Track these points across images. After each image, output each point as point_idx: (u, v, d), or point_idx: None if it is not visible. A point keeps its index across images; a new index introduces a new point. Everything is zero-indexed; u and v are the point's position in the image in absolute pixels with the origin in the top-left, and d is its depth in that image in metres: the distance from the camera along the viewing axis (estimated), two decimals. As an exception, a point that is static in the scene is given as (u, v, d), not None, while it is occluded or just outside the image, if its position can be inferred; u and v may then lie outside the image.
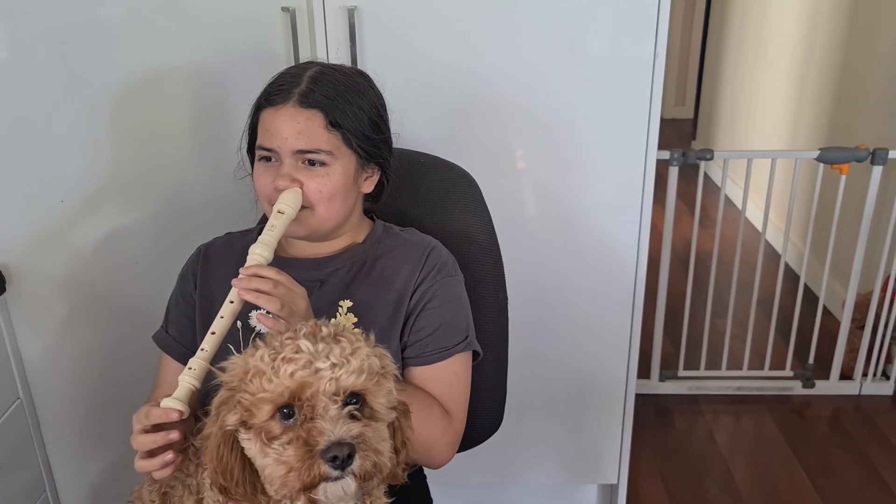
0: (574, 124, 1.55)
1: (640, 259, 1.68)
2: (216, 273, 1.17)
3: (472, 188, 1.32)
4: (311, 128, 1.05)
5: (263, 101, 1.09)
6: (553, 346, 1.77)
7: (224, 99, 1.46)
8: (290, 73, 1.10)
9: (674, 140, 5.20)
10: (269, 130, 1.07)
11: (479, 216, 1.31)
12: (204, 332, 1.12)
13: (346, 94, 1.08)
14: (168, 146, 1.47)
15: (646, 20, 1.46)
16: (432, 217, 1.28)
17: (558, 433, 1.88)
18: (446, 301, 1.13)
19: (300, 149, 1.05)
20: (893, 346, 2.46)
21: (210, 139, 1.49)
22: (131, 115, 1.42)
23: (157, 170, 1.47)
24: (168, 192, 1.49)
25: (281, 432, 0.78)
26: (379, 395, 0.81)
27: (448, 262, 1.16)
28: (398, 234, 1.19)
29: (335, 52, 1.46)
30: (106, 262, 1.46)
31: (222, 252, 1.19)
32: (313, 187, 1.07)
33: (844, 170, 2.21)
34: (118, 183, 1.44)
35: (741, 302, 2.46)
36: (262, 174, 1.09)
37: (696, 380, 2.48)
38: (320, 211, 1.08)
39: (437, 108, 1.53)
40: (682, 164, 2.16)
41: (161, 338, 1.20)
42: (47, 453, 1.46)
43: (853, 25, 2.85)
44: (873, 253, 2.40)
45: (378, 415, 0.81)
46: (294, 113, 1.05)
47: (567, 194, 1.62)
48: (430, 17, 1.45)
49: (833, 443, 2.26)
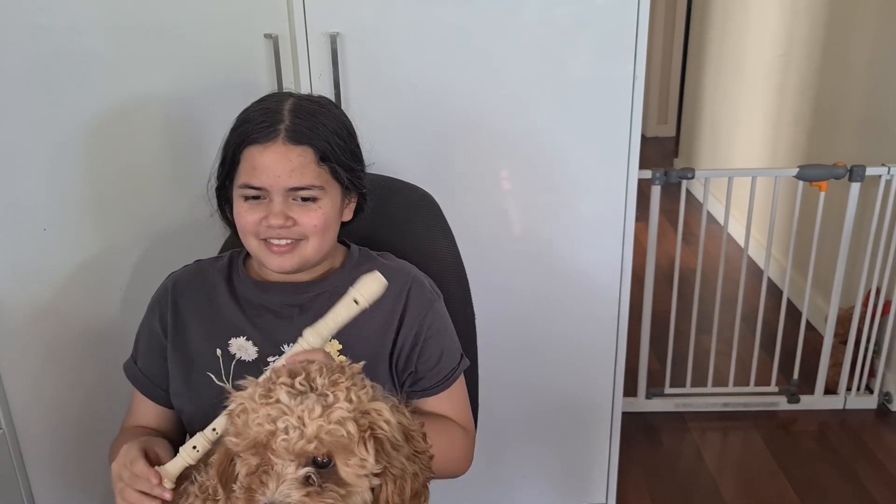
0: (556, 146, 1.57)
1: (624, 278, 1.69)
2: (188, 302, 1.16)
3: (433, 208, 1.34)
4: (303, 164, 1.05)
5: (245, 139, 1.06)
6: (539, 366, 1.77)
7: (207, 126, 1.47)
8: (268, 108, 1.08)
9: (657, 158, 5.25)
10: (258, 168, 1.05)
11: (444, 235, 1.33)
12: (177, 362, 1.11)
13: (329, 127, 1.08)
14: (150, 174, 1.47)
15: (625, 42, 1.49)
16: (398, 238, 1.30)
17: (546, 454, 1.88)
18: (441, 328, 1.16)
19: (293, 186, 1.05)
20: (876, 360, 2.48)
21: (192, 166, 1.49)
22: (113, 144, 1.43)
23: (139, 198, 1.47)
24: (151, 220, 1.49)
25: (246, 473, 0.78)
26: (346, 462, 0.78)
27: (429, 287, 1.18)
28: (376, 258, 1.20)
29: (318, 77, 1.47)
30: (89, 291, 1.45)
31: (193, 282, 1.18)
32: (307, 222, 1.07)
33: (823, 187, 2.24)
34: (100, 211, 1.44)
35: (726, 318, 2.48)
36: (249, 212, 1.07)
37: (683, 397, 2.49)
38: (314, 244, 1.09)
39: (420, 132, 1.55)
40: (664, 182, 2.19)
41: (129, 368, 1.19)
42: (31, 485, 1.44)
43: (829, 45, 2.90)
44: (854, 268, 2.43)
45: (344, 482, 0.78)
46: (285, 150, 1.04)
47: (550, 215, 1.64)
48: (413, 43, 1.47)
49: (819, 458, 2.27)
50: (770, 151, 3.47)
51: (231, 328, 1.12)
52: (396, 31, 1.46)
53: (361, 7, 1.44)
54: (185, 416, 1.16)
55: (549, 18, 1.47)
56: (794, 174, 2.22)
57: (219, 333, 1.12)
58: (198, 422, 1.11)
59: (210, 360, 1.11)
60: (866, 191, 2.28)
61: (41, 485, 1.45)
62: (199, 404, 1.11)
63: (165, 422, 1.19)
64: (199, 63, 1.43)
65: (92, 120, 1.40)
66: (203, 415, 1.09)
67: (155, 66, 1.42)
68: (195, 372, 1.12)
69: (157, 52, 1.41)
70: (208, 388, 1.11)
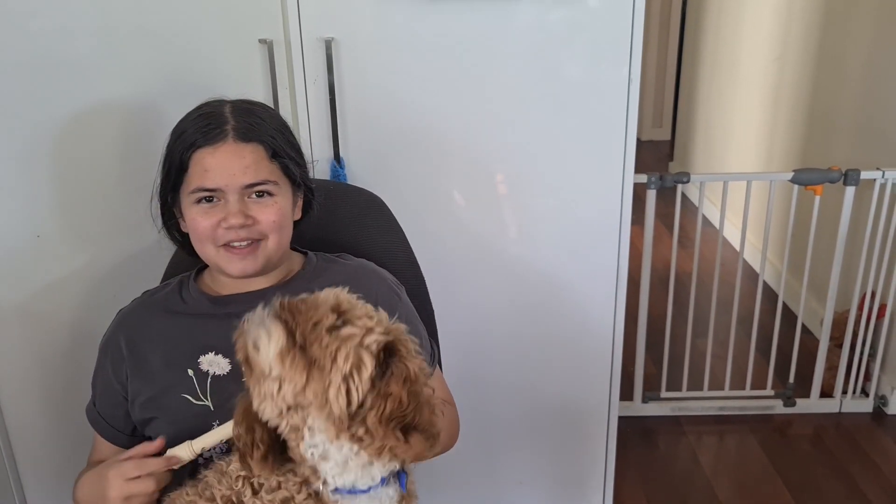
0: (551, 150, 1.57)
1: (620, 282, 1.69)
2: (142, 334, 1.13)
3: (383, 210, 1.35)
4: (256, 161, 1.05)
5: (192, 144, 1.05)
6: (535, 370, 1.77)
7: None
8: (209, 113, 1.08)
9: (652, 161, 5.26)
10: (209, 171, 1.04)
11: (396, 235, 1.35)
12: (145, 395, 1.11)
13: (272, 124, 1.09)
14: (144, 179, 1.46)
15: (620, 46, 1.49)
16: (351, 241, 1.31)
17: (542, 458, 1.88)
18: (409, 321, 1.14)
19: (249, 183, 1.05)
20: (871, 363, 2.49)
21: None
22: (106, 149, 1.42)
23: (132, 203, 1.46)
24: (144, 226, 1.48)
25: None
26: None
27: (391, 280, 1.19)
28: (335, 259, 1.20)
29: (313, 82, 1.47)
30: (82, 296, 1.45)
31: (143, 314, 1.16)
32: (265, 218, 1.07)
33: (818, 191, 2.25)
34: (93, 217, 1.43)
35: (721, 321, 2.48)
36: (204, 216, 1.06)
37: (679, 401, 2.49)
38: (273, 241, 1.09)
39: (416, 136, 1.54)
40: (659, 187, 2.19)
41: (90, 412, 1.18)
42: (24, 490, 1.44)
43: (823, 49, 2.91)
44: (849, 271, 2.43)
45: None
46: (236, 149, 1.04)
47: (546, 219, 1.64)
48: (408, 47, 1.47)
49: (816, 461, 2.27)
50: (765, 155, 3.48)
51: (197, 347, 1.10)
52: (391, 36, 1.46)
53: (356, 13, 1.44)
54: (170, 446, 1.15)
55: (544, 23, 1.47)
56: (789, 178, 2.22)
57: (183, 356, 1.10)
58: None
59: (180, 382, 1.09)
60: (861, 195, 2.29)
61: (34, 489, 1.45)
62: (181, 427, 1.08)
63: None
64: (194, 68, 1.43)
65: (85, 125, 1.39)
66: (185, 436, 1.08)
67: (149, 71, 1.41)
68: (167, 398, 1.10)
69: (150, 57, 1.41)
70: (186, 411, 1.09)
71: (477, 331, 1.69)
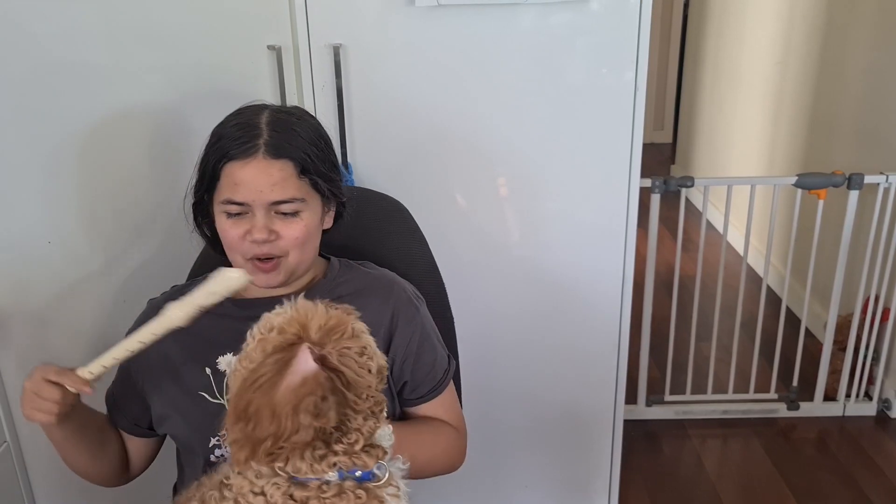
0: (557, 154, 1.58)
1: (626, 287, 1.70)
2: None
3: (405, 216, 1.35)
4: (284, 178, 1.05)
5: (224, 155, 1.06)
6: (540, 374, 1.78)
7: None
8: (246, 123, 1.08)
9: (653, 164, 5.26)
10: (239, 184, 1.05)
11: (417, 242, 1.35)
12: (165, 384, 1.12)
13: (306, 138, 1.09)
14: (151, 186, 1.47)
15: (625, 51, 1.50)
16: (373, 247, 1.31)
17: (547, 462, 1.88)
18: (427, 335, 1.17)
19: (275, 200, 1.06)
20: (875, 367, 2.49)
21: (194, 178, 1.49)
22: (114, 155, 1.43)
23: (140, 209, 1.47)
24: (152, 232, 1.49)
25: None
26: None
27: (412, 293, 1.19)
28: (357, 267, 1.21)
29: (321, 88, 1.47)
30: (92, 303, 1.45)
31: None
32: (289, 234, 1.07)
33: (822, 195, 2.25)
34: (101, 222, 1.44)
35: (725, 325, 2.48)
36: (232, 227, 1.08)
37: (683, 404, 2.50)
38: (294, 256, 1.10)
39: (424, 142, 1.55)
40: (663, 191, 2.19)
41: (108, 398, 1.20)
42: (34, 497, 1.44)
43: (825, 53, 2.92)
44: (853, 275, 2.44)
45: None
46: (265, 165, 1.05)
47: (551, 225, 1.64)
48: (414, 53, 1.48)
49: (819, 465, 2.28)
50: (767, 158, 3.49)
51: (216, 347, 1.12)
52: (398, 42, 1.47)
53: (364, 19, 1.45)
54: (183, 443, 1.16)
55: (548, 27, 1.47)
56: (793, 182, 2.23)
57: (203, 354, 1.12)
58: (197, 442, 1.12)
59: (198, 379, 1.11)
60: (864, 198, 2.29)
61: (45, 497, 1.45)
62: (195, 426, 1.11)
63: (133, 448, 1.20)
64: (203, 74, 1.44)
65: (92, 132, 1.40)
66: (199, 434, 1.09)
67: (157, 77, 1.42)
68: (185, 393, 1.12)
69: (159, 63, 1.42)
70: (202, 408, 1.10)
71: (482, 334, 1.70)
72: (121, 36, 1.38)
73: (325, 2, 1.42)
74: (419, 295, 1.21)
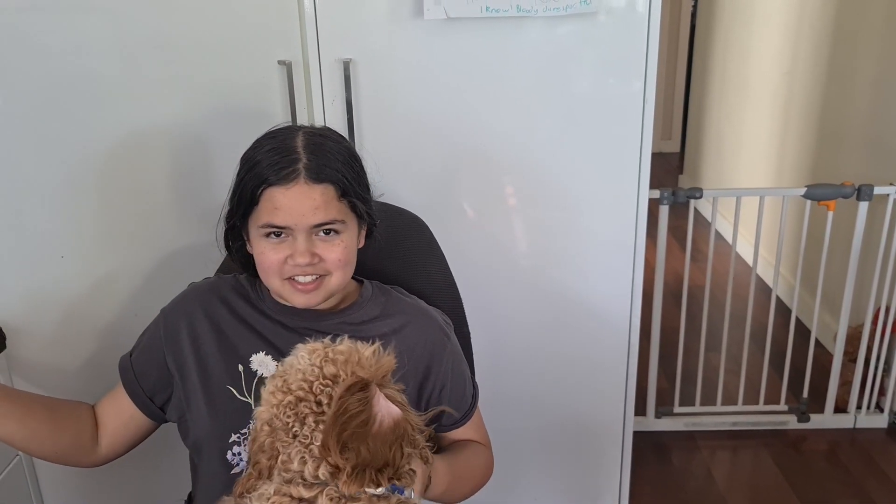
0: (565, 166, 1.59)
1: (635, 298, 1.70)
2: (207, 314, 1.15)
3: (423, 231, 1.35)
4: (326, 202, 1.06)
5: (265, 181, 1.06)
6: (549, 385, 1.78)
7: (220, 152, 1.48)
8: (281, 147, 1.08)
9: (661, 174, 5.26)
10: (280, 209, 1.05)
11: (435, 257, 1.35)
12: (196, 373, 1.12)
13: (341, 160, 1.09)
14: (162, 200, 1.49)
15: (634, 60, 1.50)
16: (391, 262, 1.31)
17: (557, 474, 1.88)
18: (460, 362, 1.20)
19: (318, 223, 1.07)
20: (886, 378, 2.48)
21: (205, 192, 1.50)
22: (125, 170, 1.44)
23: (151, 224, 1.48)
24: (163, 246, 1.50)
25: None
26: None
27: (442, 323, 1.21)
28: (390, 291, 1.22)
29: (331, 103, 1.49)
30: (105, 317, 1.46)
31: (211, 296, 1.18)
32: (332, 257, 1.09)
33: (831, 206, 2.25)
34: (113, 237, 1.45)
35: (734, 336, 2.48)
36: (272, 251, 1.08)
37: (692, 416, 2.49)
38: (337, 277, 1.11)
39: (433, 155, 1.56)
40: (672, 202, 2.19)
41: (123, 361, 1.17)
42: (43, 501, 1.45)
43: (833, 63, 2.92)
44: (863, 286, 2.43)
45: None
46: (307, 189, 1.05)
47: (560, 236, 1.65)
48: (423, 66, 1.49)
49: (830, 477, 2.26)
50: (775, 169, 3.48)
51: (252, 344, 1.13)
52: (407, 56, 1.48)
53: (373, 33, 1.46)
54: (200, 435, 1.14)
55: (556, 39, 1.48)
56: (802, 193, 2.23)
57: (237, 349, 1.13)
58: (215, 435, 1.12)
59: (227, 374, 1.12)
60: (874, 209, 2.29)
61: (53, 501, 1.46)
62: (217, 418, 1.11)
63: (122, 426, 1.16)
64: (213, 89, 1.45)
65: (104, 146, 1.41)
66: (220, 427, 1.10)
67: (168, 92, 1.43)
68: (213, 385, 1.12)
69: (170, 78, 1.43)
70: (228, 403, 1.11)
71: (491, 346, 1.70)
72: (133, 50, 1.39)
73: (335, 17, 1.44)
74: (448, 321, 1.23)
